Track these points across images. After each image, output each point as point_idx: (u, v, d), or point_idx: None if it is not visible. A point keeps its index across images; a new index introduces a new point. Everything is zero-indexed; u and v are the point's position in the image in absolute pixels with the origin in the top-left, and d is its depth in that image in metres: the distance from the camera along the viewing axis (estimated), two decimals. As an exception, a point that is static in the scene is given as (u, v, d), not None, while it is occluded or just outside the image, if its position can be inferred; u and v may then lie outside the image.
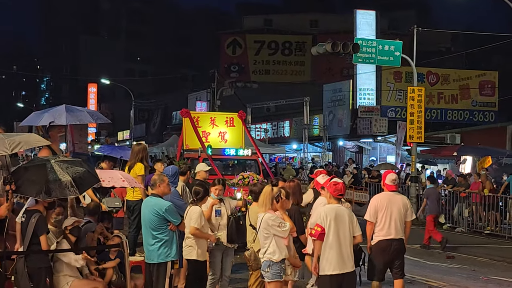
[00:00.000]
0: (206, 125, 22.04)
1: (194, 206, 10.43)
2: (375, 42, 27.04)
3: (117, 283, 10.28)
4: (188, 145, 21.48)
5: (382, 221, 10.70)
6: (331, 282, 9.03)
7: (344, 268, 9.03)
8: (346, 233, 9.09)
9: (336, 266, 9.00)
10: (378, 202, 10.82)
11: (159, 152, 49.21)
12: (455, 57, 51.97)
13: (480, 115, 45.56)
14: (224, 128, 22.24)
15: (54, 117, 12.72)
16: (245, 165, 22.15)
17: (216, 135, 22.04)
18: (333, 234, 9.03)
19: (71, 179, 8.45)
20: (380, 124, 41.11)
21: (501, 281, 14.58)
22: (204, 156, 20.26)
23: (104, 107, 78.48)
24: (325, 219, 9.05)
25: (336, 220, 9.05)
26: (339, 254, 9.02)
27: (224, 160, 21.65)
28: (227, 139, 22.11)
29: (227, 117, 22.55)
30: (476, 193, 24.33)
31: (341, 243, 9.03)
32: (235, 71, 72.11)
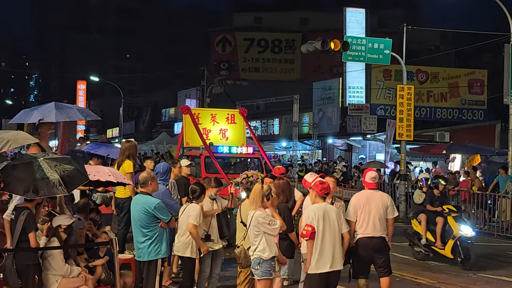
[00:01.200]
0: (207, 122, 21.44)
1: (193, 204, 10.41)
2: (365, 40, 27.05)
3: (106, 281, 10.25)
4: (189, 142, 20.96)
5: (361, 219, 10.72)
6: (320, 280, 9.11)
7: (333, 266, 9.14)
8: (335, 232, 9.19)
9: (325, 264, 9.08)
10: (356, 201, 10.84)
11: (148, 150, 49.17)
12: (445, 55, 52.09)
13: (469, 113, 45.70)
14: (225, 125, 21.64)
15: (43, 115, 12.66)
16: (247, 163, 21.79)
17: (217, 132, 21.49)
18: (322, 233, 9.10)
19: (59, 177, 8.42)
20: (370, 122, 41.19)
21: (490, 279, 14.62)
22: (206, 154, 19.83)
23: (93, 104, 78.26)
24: (314, 218, 9.11)
25: (324, 219, 9.12)
26: (328, 253, 9.10)
27: (226, 158, 21.17)
28: (228, 136, 21.58)
29: (228, 113, 21.98)
30: (465, 191, 24.39)
31: (330, 242, 9.11)
32: (224, 69, 72.04)
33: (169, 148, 42.10)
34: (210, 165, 19.82)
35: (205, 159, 19.97)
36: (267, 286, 9.08)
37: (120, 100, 65.81)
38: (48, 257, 9.36)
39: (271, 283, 9.21)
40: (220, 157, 20.15)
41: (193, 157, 20.33)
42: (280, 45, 73.52)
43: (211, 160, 19.59)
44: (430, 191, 16.97)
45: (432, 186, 17.24)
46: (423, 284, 13.71)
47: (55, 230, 9.48)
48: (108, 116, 72.00)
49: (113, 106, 69.26)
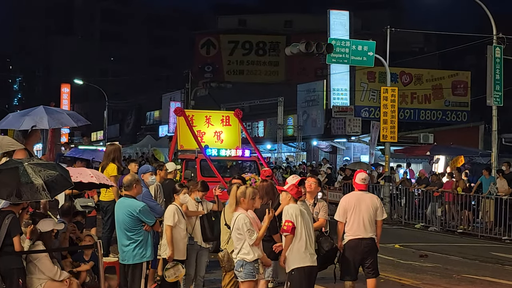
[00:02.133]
0: (201, 124, 20.93)
1: (169, 205, 10.46)
2: (349, 42, 27.16)
3: (91, 284, 10.25)
4: (183, 145, 20.47)
5: (351, 220, 10.79)
6: (304, 274, 9.27)
7: (313, 261, 9.36)
8: (310, 229, 9.43)
9: (306, 259, 9.26)
10: (346, 202, 10.93)
11: (133, 153, 49.06)
12: (428, 57, 52.29)
13: (453, 115, 45.86)
14: (219, 127, 21.16)
15: (35, 121, 12.60)
16: (243, 166, 21.20)
17: (212, 134, 20.96)
18: (301, 229, 9.27)
19: (43, 182, 8.41)
20: (354, 124, 41.27)
21: (474, 279, 14.70)
22: (202, 157, 19.26)
23: (77, 107, 77.97)
24: (293, 215, 9.26)
25: (302, 216, 9.31)
26: (307, 248, 9.29)
27: (222, 161, 20.30)
28: (223, 139, 21.09)
29: (223, 115, 21.60)
30: (449, 192, 24.52)
31: (308, 237, 9.32)
32: (209, 71, 71.96)
33: (154, 151, 42.07)
34: (206, 168, 19.17)
35: (201, 162, 19.36)
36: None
37: (104, 103, 65.64)
38: (33, 260, 9.34)
39: (254, 285, 9.22)
40: (216, 160, 19.47)
41: (188, 160, 19.90)
42: (265, 47, 73.55)
43: (206, 163, 19.07)
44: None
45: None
46: (408, 285, 13.76)
47: (42, 234, 9.46)
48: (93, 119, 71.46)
49: (98, 109, 69.05)
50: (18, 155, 10.58)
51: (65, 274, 9.55)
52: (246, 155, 20.31)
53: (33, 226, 9.48)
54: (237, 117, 21.23)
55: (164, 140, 51.55)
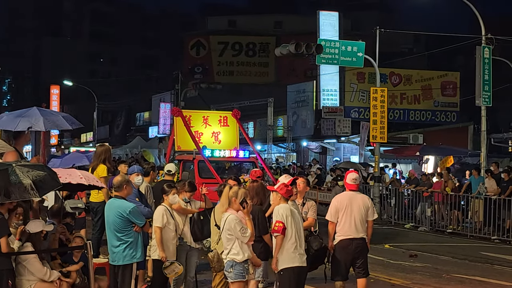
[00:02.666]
0: (199, 124, 20.53)
1: (158, 206, 10.46)
2: (338, 43, 27.21)
3: (81, 285, 10.22)
4: (180, 146, 20.13)
5: (342, 220, 10.82)
6: (293, 274, 9.29)
7: (303, 262, 9.37)
8: (300, 229, 9.44)
9: (295, 259, 9.28)
10: (338, 202, 10.95)
11: (123, 154, 48.97)
12: (418, 58, 52.47)
13: (442, 115, 46.01)
14: (217, 128, 20.80)
15: (31, 123, 12.59)
16: (241, 167, 20.96)
17: (209, 135, 20.60)
18: (291, 229, 9.29)
19: (31, 182, 8.39)
20: (344, 124, 41.36)
21: (463, 279, 14.75)
22: (200, 158, 18.91)
23: (67, 109, 77.78)
24: (283, 215, 9.27)
25: (292, 216, 9.33)
26: (297, 248, 9.31)
27: (220, 162, 19.94)
28: (220, 139, 20.69)
29: (221, 116, 21.21)
30: (438, 192, 24.59)
31: (298, 238, 9.34)
32: (199, 72, 71.91)
33: (143, 152, 42.03)
34: (204, 170, 18.89)
35: (199, 163, 19.01)
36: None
37: (94, 105, 65.52)
38: (22, 262, 9.32)
39: (244, 286, 9.23)
40: (214, 161, 19.10)
41: (186, 161, 19.65)
42: (254, 48, 73.54)
43: (204, 164, 18.78)
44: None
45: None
46: (398, 285, 13.79)
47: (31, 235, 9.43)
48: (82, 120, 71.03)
49: (87, 111, 68.87)
50: (8, 158, 10.55)
51: (55, 274, 9.53)
52: (241, 156, 19.95)
53: (22, 227, 9.46)
54: (235, 118, 20.89)
55: (154, 141, 51.52)
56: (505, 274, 15.74)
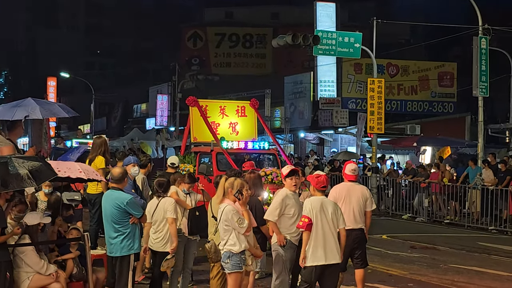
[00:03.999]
0: (215, 115, 19.59)
1: (168, 198, 10.37)
2: (335, 34, 27.20)
3: (79, 277, 10.24)
4: (196, 137, 19.20)
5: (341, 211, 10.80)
6: (314, 273, 9.19)
7: (327, 259, 9.18)
8: (330, 226, 9.23)
9: (320, 257, 9.15)
10: (337, 193, 10.93)
11: (120, 146, 48.94)
12: (415, 48, 52.36)
13: (439, 106, 46.04)
14: (235, 118, 19.84)
15: (28, 112, 12.59)
16: (261, 159, 20.11)
17: (227, 126, 19.64)
18: (316, 226, 9.16)
19: (27, 171, 8.37)
20: (341, 115, 41.37)
21: (460, 269, 14.78)
22: (218, 150, 18.08)
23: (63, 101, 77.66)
24: (311, 210, 9.17)
25: (321, 212, 9.19)
26: (322, 246, 9.16)
27: (239, 154, 18.90)
28: (238, 130, 19.76)
29: (238, 105, 20.22)
30: (435, 183, 24.61)
31: (324, 235, 9.17)
32: (196, 64, 71.87)
33: (141, 144, 41.99)
34: (222, 162, 18.13)
35: (217, 155, 18.18)
36: (237, 279, 9.10)
37: (91, 97, 65.46)
38: (20, 254, 9.33)
39: (242, 277, 9.23)
40: (233, 153, 18.11)
41: (203, 153, 18.85)
42: (251, 39, 73.50)
43: (223, 156, 18.02)
44: None
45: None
46: (395, 276, 13.82)
47: (29, 228, 9.44)
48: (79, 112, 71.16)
49: (84, 103, 68.84)
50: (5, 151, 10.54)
51: (52, 268, 9.55)
52: (261, 147, 19.17)
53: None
54: (253, 107, 20.02)
55: (151, 133, 51.48)
56: (502, 264, 15.79)
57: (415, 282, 13.20)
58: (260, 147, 18.93)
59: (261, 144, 18.93)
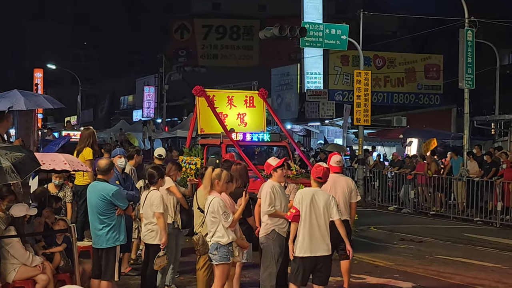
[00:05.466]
0: (223, 105, 18.61)
1: (154, 191, 10.31)
2: (322, 26, 27.19)
3: (65, 269, 10.24)
4: (204, 129, 18.26)
5: None
6: (302, 264, 9.26)
7: (316, 251, 9.22)
8: (321, 217, 9.25)
9: (307, 249, 9.20)
10: None
11: (107, 138, 48.86)
12: (401, 41, 52.43)
13: (426, 98, 46.17)
14: (243, 109, 18.92)
15: (12, 103, 12.51)
16: (271, 152, 19.67)
17: (234, 117, 18.74)
18: (305, 218, 9.21)
19: (11, 164, 8.34)
20: (328, 107, 41.42)
21: (446, 260, 14.87)
22: (228, 142, 17.04)
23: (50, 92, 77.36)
24: (300, 201, 9.24)
25: (311, 204, 9.22)
26: (310, 238, 9.20)
27: (249, 147, 17.97)
28: (246, 121, 18.84)
29: (247, 96, 19.35)
30: (421, 174, 24.71)
31: (314, 227, 9.20)
32: (183, 56, 71.76)
33: (128, 135, 41.94)
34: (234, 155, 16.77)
35: (227, 148, 17.14)
36: (225, 271, 9.13)
37: (77, 88, 65.25)
38: (6, 246, 9.32)
39: (229, 268, 9.26)
40: (242, 145, 17.02)
41: (211, 146, 17.92)
42: (239, 31, 73.43)
43: (233, 149, 17.01)
44: None
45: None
46: (381, 267, 13.89)
47: (15, 220, 9.43)
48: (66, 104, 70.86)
49: (71, 94, 68.58)
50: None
51: (38, 260, 9.54)
52: (255, 139, 17.64)
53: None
54: (262, 98, 19.16)
55: (138, 124, 51.42)
56: (487, 255, 15.90)
57: (401, 273, 13.28)
58: (258, 138, 17.65)
59: (260, 136, 17.66)
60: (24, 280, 9.48)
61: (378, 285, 12.33)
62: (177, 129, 43.12)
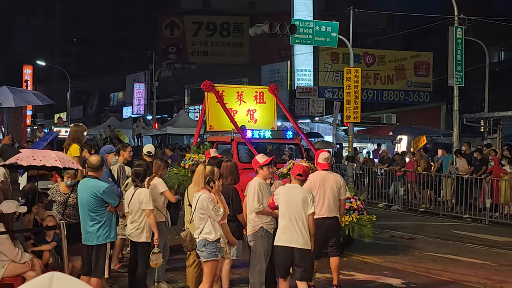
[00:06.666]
0: (233, 101, 17.98)
1: (143, 189, 10.31)
2: (312, 23, 27.19)
3: (54, 265, 10.23)
4: (213, 126, 17.60)
5: (315, 200, 10.83)
6: (280, 253, 9.49)
7: (293, 243, 9.37)
8: (298, 212, 9.37)
9: (285, 240, 9.39)
10: (311, 182, 10.92)
11: (96, 134, 48.77)
12: (391, 38, 52.56)
13: (415, 96, 46.30)
14: (253, 105, 18.31)
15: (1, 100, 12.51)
16: (284, 149, 19.29)
17: (244, 113, 18.10)
18: (285, 211, 9.41)
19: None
20: (318, 104, 41.48)
21: (435, 257, 14.92)
22: (239, 140, 16.50)
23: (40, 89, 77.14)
24: (278, 196, 9.54)
25: (288, 198, 9.42)
26: (288, 230, 9.37)
27: (261, 144, 17.26)
28: (256, 118, 18.27)
29: (257, 91, 18.68)
30: (411, 171, 24.77)
31: (291, 220, 9.35)
32: (173, 53, 71.67)
33: (118, 132, 41.87)
34: (244, 153, 16.70)
35: (237, 145, 16.60)
36: (213, 267, 9.14)
37: (67, 85, 65.09)
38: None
39: (217, 265, 9.27)
40: (254, 143, 16.43)
41: (221, 143, 17.62)
42: (229, 28, 73.34)
43: (244, 147, 16.59)
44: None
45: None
46: (370, 263, 13.93)
47: (4, 216, 9.41)
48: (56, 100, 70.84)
49: (61, 91, 68.43)
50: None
51: (27, 257, 9.52)
52: (256, 136, 17.13)
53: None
54: (272, 93, 18.55)
55: (128, 121, 51.34)
56: (476, 252, 15.96)
57: (390, 270, 13.32)
58: (260, 136, 16.99)
59: (261, 133, 17.15)
60: (13, 277, 9.47)
61: (367, 282, 12.37)
62: (167, 126, 43.09)
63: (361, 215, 13.83)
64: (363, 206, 14.13)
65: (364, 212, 14.01)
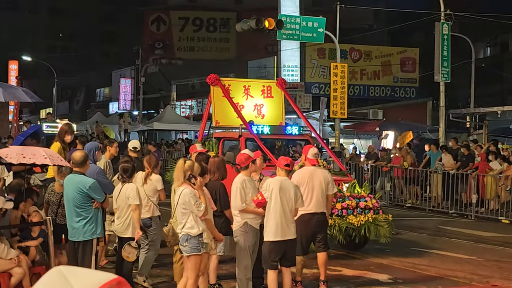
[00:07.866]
0: (239, 95, 17.26)
1: (130, 184, 10.28)
2: (299, 19, 27.24)
3: (41, 262, 10.19)
4: (219, 121, 16.85)
5: (304, 195, 10.83)
6: (272, 248, 9.64)
7: (285, 235, 9.61)
8: (289, 204, 9.62)
9: (277, 233, 9.58)
10: (299, 177, 10.97)
11: (83, 130, 48.63)
12: (378, 34, 52.68)
13: (402, 91, 46.44)
14: (260, 99, 17.56)
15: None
16: (293, 145, 18.71)
17: (251, 108, 17.37)
18: (275, 204, 9.54)
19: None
20: (304, 100, 41.53)
21: (422, 252, 14.97)
22: (248, 136, 15.98)
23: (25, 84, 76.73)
24: (268, 189, 9.60)
25: (280, 191, 9.56)
26: (280, 223, 9.56)
27: (269, 140, 17.06)
28: (264, 113, 17.55)
29: (264, 85, 17.96)
30: (397, 167, 24.82)
31: (283, 213, 9.55)
32: (159, 48, 71.53)
33: (104, 128, 41.77)
34: (252, 149, 15.41)
35: (246, 142, 16.05)
36: (196, 262, 9.08)
37: (53, 80, 64.85)
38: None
39: (200, 259, 9.21)
40: (262, 139, 15.79)
41: (228, 139, 17.20)
42: (215, 24, 73.30)
43: (253, 143, 16.08)
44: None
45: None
46: (357, 259, 13.95)
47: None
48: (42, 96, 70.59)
49: (46, 86, 68.19)
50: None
51: (13, 253, 9.48)
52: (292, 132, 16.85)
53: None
54: (280, 88, 17.75)
55: (114, 117, 51.23)
56: (462, 247, 16.01)
57: (377, 265, 13.35)
58: (258, 131, 16.22)
59: (260, 128, 16.38)
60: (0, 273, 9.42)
61: (354, 277, 12.38)
62: (153, 121, 43.01)
63: (377, 214, 13.69)
64: (378, 205, 13.93)
65: (380, 211, 13.82)
